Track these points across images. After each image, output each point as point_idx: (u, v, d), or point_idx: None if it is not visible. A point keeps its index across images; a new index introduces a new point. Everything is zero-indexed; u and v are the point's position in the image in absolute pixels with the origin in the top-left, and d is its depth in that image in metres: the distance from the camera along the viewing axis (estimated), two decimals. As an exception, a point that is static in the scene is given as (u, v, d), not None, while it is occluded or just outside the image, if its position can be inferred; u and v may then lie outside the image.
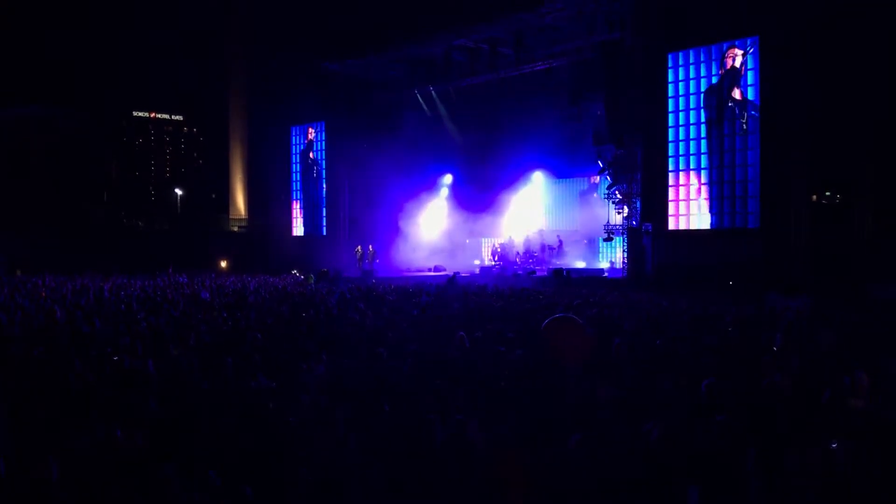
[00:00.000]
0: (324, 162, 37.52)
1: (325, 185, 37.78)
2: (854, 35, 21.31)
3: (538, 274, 29.06)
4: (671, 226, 24.58)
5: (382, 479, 5.56)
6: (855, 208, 22.27)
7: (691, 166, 24.07)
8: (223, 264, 38.80)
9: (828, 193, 23.18)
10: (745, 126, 22.47)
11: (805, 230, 21.92)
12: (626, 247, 26.63)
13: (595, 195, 30.87)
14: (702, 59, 23.72)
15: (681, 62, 24.31)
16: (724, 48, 23.07)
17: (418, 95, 34.11)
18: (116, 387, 7.94)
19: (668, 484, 5.41)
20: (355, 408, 7.02)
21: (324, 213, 38.00)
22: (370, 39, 32.16)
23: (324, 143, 37.46)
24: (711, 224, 23.55)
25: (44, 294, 19.70)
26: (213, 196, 58.56)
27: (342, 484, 5.44)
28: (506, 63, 30.04)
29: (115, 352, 9.81)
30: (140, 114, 76.18)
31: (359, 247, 34.05)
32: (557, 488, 5.48)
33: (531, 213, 34.27)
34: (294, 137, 39.08)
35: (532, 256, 32.05)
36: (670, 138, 24.49)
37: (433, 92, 33.79)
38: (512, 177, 33.59)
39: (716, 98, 23.36)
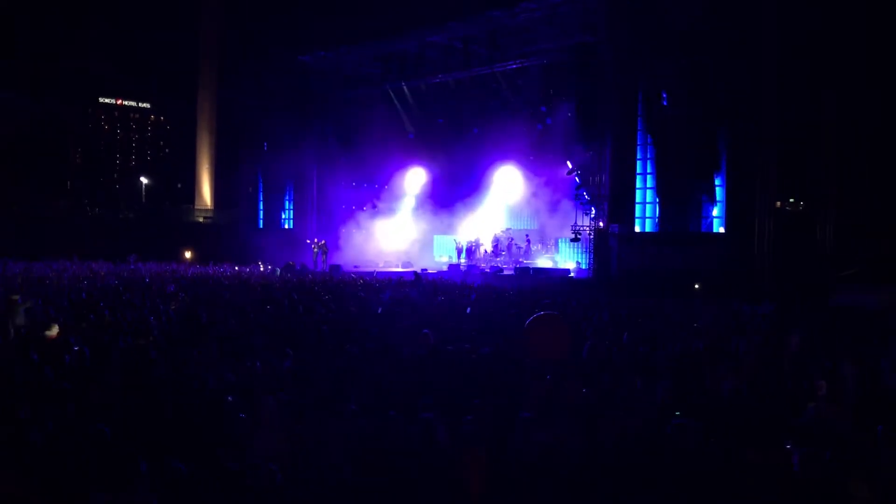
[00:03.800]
0: (292, 155, 37.20)
1: (291, 179, 37.58)
2: (823, 42, 21.63)
3: (505, 272, 29.13)
4: (637, 228, 24.83)
5: (348, 477, 5.55)
6: (818, 216, 22.62)
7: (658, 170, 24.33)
8: (188, 255, 38.33)
9: (791, 200, 23.54)
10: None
11: (769, 237, 22.26)
12: (592, 247, 26.78)
13: (563, 196, 30.98)
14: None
15: (652, 66, 24.50)
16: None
17: (390, 91, 34.04)
18: (76, 379, 7.81)
19: (623, 482, 5.49)
20: (320, 405, 6.99)
21: (290, 207, 37.85)
22: (343, 33, 31.93)
23: (294, 135, 37.12)
24: (678, 228, 23.81)
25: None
26: (179, 186, 57.76)
27: (307, 482, 5.42)
28: (479, 61, 30.05)
29: (76, 343, 9.65)
30: (106, 100, 74.76)
31: (315, 239, 33.73)
32: (519, 486, 5.53)
33: (500, 211, 34.35)
34: (263, 129, 38.74)
35: (499, 255, 32.13)
36: (639, 142, 24.72)
37: (405, 88, 33.73)
38: (481, 175, 33.62)
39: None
